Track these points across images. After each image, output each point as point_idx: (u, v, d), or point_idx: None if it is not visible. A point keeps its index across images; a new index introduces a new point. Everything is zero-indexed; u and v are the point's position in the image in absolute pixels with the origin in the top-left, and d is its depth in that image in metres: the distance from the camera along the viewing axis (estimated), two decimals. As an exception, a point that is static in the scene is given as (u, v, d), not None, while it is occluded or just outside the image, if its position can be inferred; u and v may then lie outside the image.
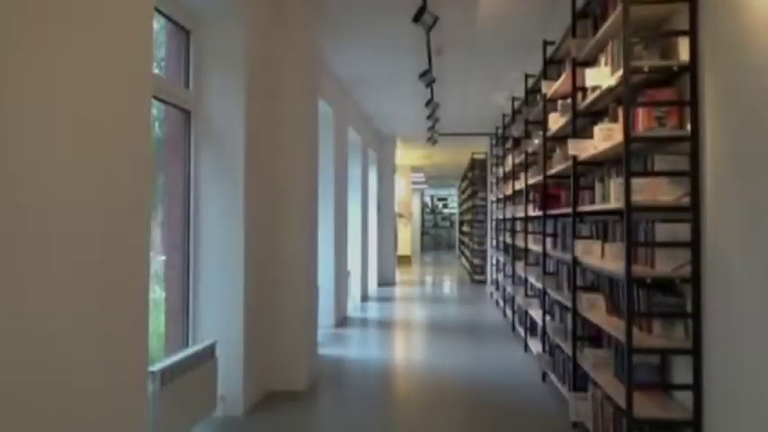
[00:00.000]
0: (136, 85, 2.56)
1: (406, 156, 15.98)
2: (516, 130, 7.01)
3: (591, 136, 3.49)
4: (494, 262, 10.42)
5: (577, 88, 3.94)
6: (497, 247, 9.61)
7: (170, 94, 3.78)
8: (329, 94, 7.17)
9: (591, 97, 3.59)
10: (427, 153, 15.42)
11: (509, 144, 7.82)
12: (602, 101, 3.60)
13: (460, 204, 20.70)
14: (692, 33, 2.79)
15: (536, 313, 5.68)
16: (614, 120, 3.38)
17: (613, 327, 3.17)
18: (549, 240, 5.19)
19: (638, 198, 2.90)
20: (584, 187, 4.04)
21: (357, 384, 5.17)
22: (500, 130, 9.37)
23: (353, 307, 9.21)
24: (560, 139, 4.90)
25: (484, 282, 12.66)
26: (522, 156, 6.46)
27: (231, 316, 4.07)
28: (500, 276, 9.30)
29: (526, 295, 6.16)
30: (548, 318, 5.07)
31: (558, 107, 4.65)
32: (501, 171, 8.73)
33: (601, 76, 3.35)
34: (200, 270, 4.08)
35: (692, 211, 2.77)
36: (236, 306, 4.08)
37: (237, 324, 4.08)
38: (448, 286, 12.81)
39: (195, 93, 4.10)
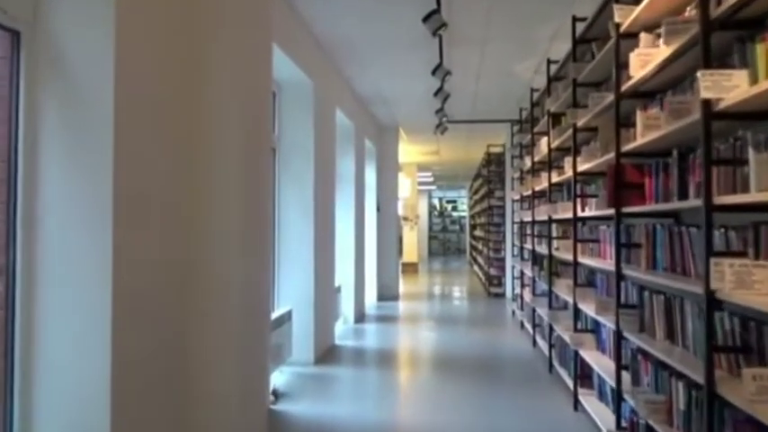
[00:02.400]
0: None
1: (412, 152, 14.21)
2: (555, 102, 5.22)
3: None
4: (516, 274, 8.62)
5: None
6: (521, 255, 7.81)
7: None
8: (306, 59, 5.43)
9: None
10: (435, 148, 13.65)
11: (542, 124, 6.03)
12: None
13: (472, 206, 18.89)
14: None
15: (596, 359, 3.90)
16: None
17: None
18: (620, 253, 3.40)
19: None
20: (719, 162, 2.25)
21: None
22: (526, 113, 7.59)
23: (344, 331, 7.44)
24: (648, 95, 3.13)
25: (502, 295, 10.85)
26: (567, 134, 4.68)
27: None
28: (526, 293, 7.50)
29: (576, 329, 4.36)
30: (625, 374, 3.29)
31: (642, 43, 2.89)
32: (527, 162, 6.95)
33: None
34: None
35: None
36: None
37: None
38: (460, 301, 11.01)
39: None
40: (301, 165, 5.69)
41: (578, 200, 4.38)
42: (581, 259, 4.32)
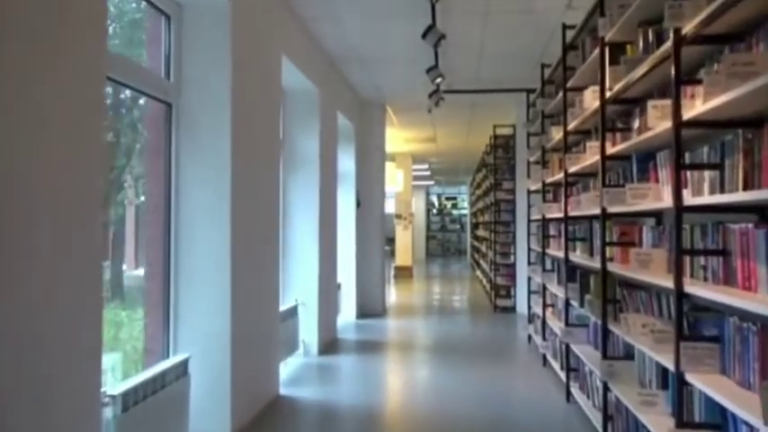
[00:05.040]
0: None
1: (404, 138, 12.18)
2: (611, 25, 3.18)
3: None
4: (533, 287, 6.59)
5: None
6: (542, 263, 5.79)
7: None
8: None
9: None
10: (430, 134, 11.61)
11: (584, 69, 3.99)
12: None
13: (473, 202, 16.83)
14: None
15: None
16: None
17: None
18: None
19: None
20: None
21: None
22: (548, 72, 5.56)
23: (298, 370, 5.41)
24: None
25: (511, 310, 8.82)
26: (645, 65, 2.65)
27: None
28: (551, 316, 5.48)
29: (682, 422, 2.33)
30: None
31: None
32: (556, 134, 4.92)
33: None
34: None
35: None
36: None
37: None
38: (461, 318, 8.96)
39: None
40: (208, 140, 3.69)
41: (685, 176, 2.35)
42: (692, 287, 2.29)
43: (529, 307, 6.70)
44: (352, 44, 5.89)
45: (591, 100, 3.67)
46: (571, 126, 4.31)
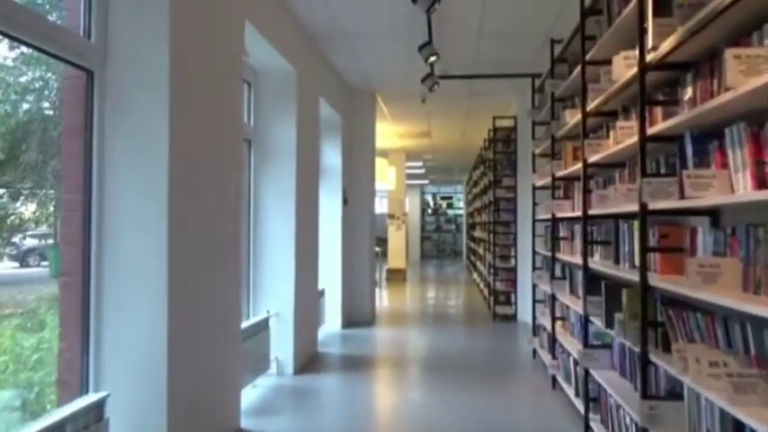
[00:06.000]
0: None
1: (397, 133, 11.43)
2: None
3: None
4: (540, 295, 5.84)
5: None
6: (550, 270, 5.05)
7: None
8: None
9: None
10: (425, 128, 10.88)
11: (612, 31, 3.24)
12: None
13: (470, 201, 16.08)
14: None
15: None
16: None
17: None
18: None
19: None
20: None
21: None
22: (558, 50, 4.81)
23: (272, 392, 4.65)
24: None
25: (512, 318, 8.08)
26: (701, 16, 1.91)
27: None
28: (561, 331, 4.75)
29: None
30: None
31: None
32: (570, 118, 4.18)
33: None
34: None
35: None
36: None
37: None
38: (457, 327, 8.21)
39: None
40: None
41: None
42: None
43: (534, 318, 5.95)
44: (333, 16, 5.13)
45: (623, 68, 2.92)
46: (592, 106, 3.56)
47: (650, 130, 2.57)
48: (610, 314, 3.15)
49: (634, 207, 2.73)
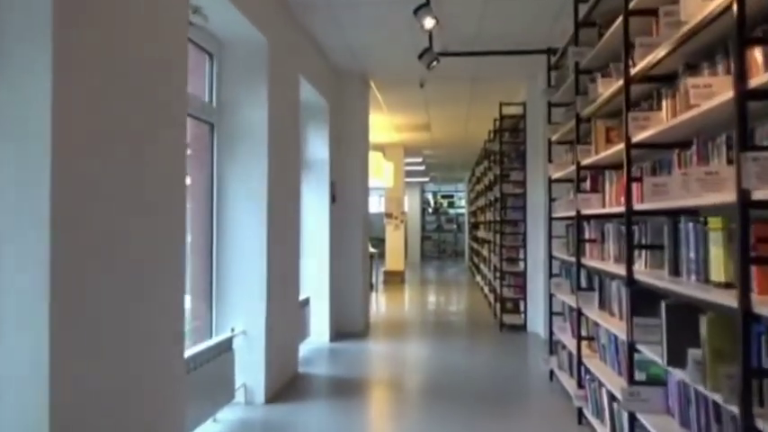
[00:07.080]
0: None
1: (394, 126, 10.56)
2: None
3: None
4: (557, 306, 4.97)
5: None
6: (575, 279, 4.18)
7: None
8: None
9: None
10: (424, 120, 10.01)
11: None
12: None
13: (473, 199, 15.20)
14: None
15: None
16: None
17: None
18: None
19: None
20: None
21: None
22: (584, 11, 3.94)
23: (235, 428, 3.78)
24: None
25: (521, 328, 7.21)
26: None
27: None
28: (588, 353, 3.88)
29: None
30: None
31: None
32: (597, 94, 3.32)
33: None
34: None
35: None
36: None
37: None
38: (459, 341, 7.32)
39: None
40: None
41: None
42: None
43: (551, 332, 5.09)
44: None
45: (696, 6, 2.05)
46: (639, 67, 2.69)
47: (757, 81, 1.70)
48: (676, 347, 2.28)
49: (717, 197, 1.87)
